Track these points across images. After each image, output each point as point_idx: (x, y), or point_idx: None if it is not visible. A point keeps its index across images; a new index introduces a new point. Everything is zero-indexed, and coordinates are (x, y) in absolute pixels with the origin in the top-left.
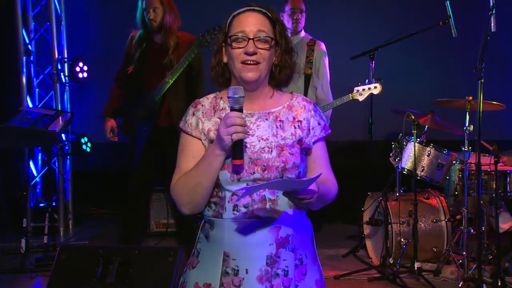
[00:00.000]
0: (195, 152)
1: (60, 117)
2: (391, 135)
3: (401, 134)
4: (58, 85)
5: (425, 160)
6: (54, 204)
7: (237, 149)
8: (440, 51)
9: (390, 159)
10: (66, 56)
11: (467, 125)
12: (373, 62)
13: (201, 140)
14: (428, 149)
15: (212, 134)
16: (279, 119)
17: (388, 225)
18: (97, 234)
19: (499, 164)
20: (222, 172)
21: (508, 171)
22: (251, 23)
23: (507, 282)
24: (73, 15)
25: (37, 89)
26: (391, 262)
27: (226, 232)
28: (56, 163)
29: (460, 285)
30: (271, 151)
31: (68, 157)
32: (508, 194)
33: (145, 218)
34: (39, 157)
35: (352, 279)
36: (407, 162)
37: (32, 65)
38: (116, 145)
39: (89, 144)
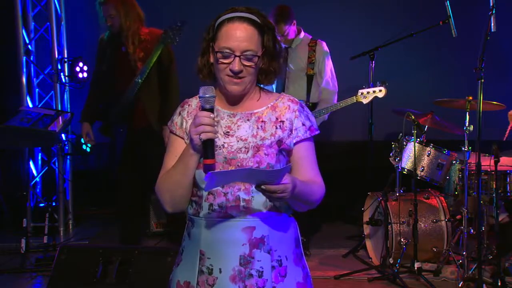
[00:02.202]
0: (178, 151)
1: (60, 117)
2: (391, 135)
3: (401, 134)
4: (58, 85)
5: (425, 160)
6: (54, 204)
7: (207, 149)
8: (440, 51)
9: (390, 159)
10: (66, 56)
11: (467, 125)
12: (373, 62)
13: (184, 139)
14: (428, 149)
15: None
16: (261, 119)
17: (388, 225)
18: (97, 234)
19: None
20: (198, 172)
21: (508, 171)
22: (238, 38)
23: (507, 282)
24: (73, 15)
25: (37, 89)
26: (391, 262)
27: (203, 230)
28: (56, 163)
29: (460, 285)
30: (247, 151)
31: (68, 157)
32: (508, 194)
33: (143, 220)
34: (39, 157)
35: (352, 279)
36: (407, 162)
37: (32, 65)
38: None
39: (89, 144)
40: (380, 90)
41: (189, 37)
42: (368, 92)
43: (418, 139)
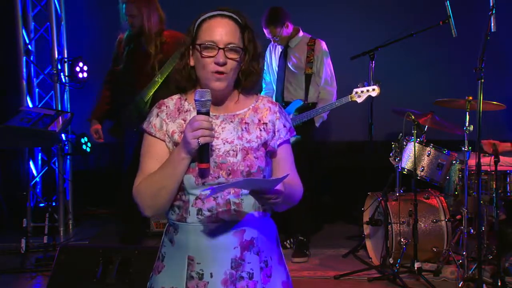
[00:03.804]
0: (159, 154)
1: (60, 117)
2: (391, 135)
3: (401, 134)
4: (58, 85)
5: (425, 160)
6: (54, 204)
7: (203, 153)
8: (440, 51)
9: (390, 159)
10: (66, 56)
11: (467, 125)
12: (373, 62)
13: (165, 142)
14: (428, 149)
15: (177, 136)
16: (244, 121)
17: (388, 225)
18: (97, 234)
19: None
20: (186, 176)
21: (508, 171)
22: (221, 32)
23: (507, 282)
24: (73, 15)
25: (37, 89)
26: (391, 262)
27: (191, 236)
28: (56, 163)
29: (460, 285)
30: (236, 155)
31: (68, 157)
32: (508, 194)
33: (143, 220)
34: (39, 157)
35: (352, 279)
36: (407, 162)
37: (32, 65)
38: (116, 145)
39: (89, 144)
40: (374, 89)
41: None
42: (362, 92)
43: (418, 139)
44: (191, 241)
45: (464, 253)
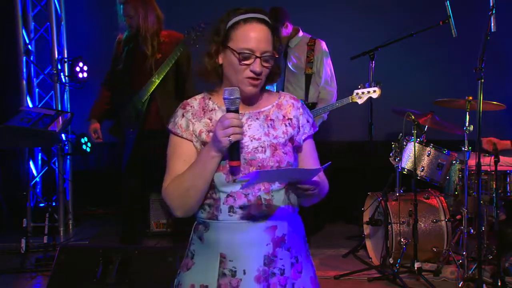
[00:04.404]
0: (186, 154)
1: (60, 117)
2: (391, 135)
3: (401, 134)
4: (58, 85)
5: (425, 160)
6: (54, 204)
7: (234, 151)
8: (440, 51)
9: (390, 159)
10: (66, 56)
11: (467, 125)
12: (373, 62)
13: (192, 142)
14: (428, 149)
15: (204, 136)
16: (269, 118)
17: (388, 225)
18: (97, 234)
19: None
20: (217, 174)
21: (508, 171)
22: (257, 39)
23: (507, 282)
24: (73, 15)
25: (37, 89)
26: (391, 262)
27: (222, 233)
28: (56, 163)
29: (460, 285)
30: (265, 151)
31: (68, 157)
32: (508, 194)
33: (143, 220)
34: (39, 157)
35: (352, 279)
36: (407, 162)
37: (32, 65)
38: (116, 145)
39: (89, 144)
40: (375, 91)
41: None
42: (363, 93)
43: (418, 139)
44: (223, 238)
45: (464, 253)
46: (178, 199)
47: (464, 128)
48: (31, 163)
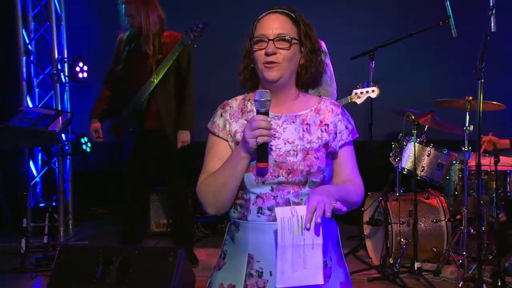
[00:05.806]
0: (222, 153)
1: (60, 117)
2: (391, 135)
3: (401, 134)
4: (58, 85)
5: (425, 160)
6: (54, 204)
7: (261, 152)
8: (440, 51)
9: (390, 159)
10: (66, 56)
11: (467, 125)
12: (373, 62)
13: (227, 141)
14: (428, 149)
15: (239, 136)
16: (306, 122)
17: (388, 225)
18: (97, 234)
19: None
20: (246, 175)
21: (508, 171)
22: (271, 25)
23: (507, 282)
24: (73, 15)
25: (37, 89)
26: (391, 262)
27: (250, 234)
28: (56, 163)
29: (460, 285)
30: (297, 155)
31: (68, 157)
32: (508, 194)
33: (143, 220)
34: (39, 157)
35: (352, 279)
36: (407, 162)
37: (32, 65)
38: (116, 145)
39: (89, 144)
40: (373, 91)
41: (208, 40)
42: (361, 93)
43: (418, 139)
44: (251, 239)
45: (464, 253)
46: (210, 196)
47: (464, 128)
48: (31, 163)
